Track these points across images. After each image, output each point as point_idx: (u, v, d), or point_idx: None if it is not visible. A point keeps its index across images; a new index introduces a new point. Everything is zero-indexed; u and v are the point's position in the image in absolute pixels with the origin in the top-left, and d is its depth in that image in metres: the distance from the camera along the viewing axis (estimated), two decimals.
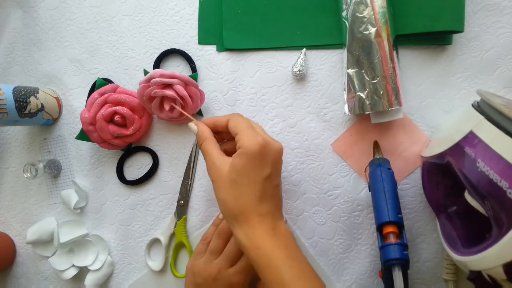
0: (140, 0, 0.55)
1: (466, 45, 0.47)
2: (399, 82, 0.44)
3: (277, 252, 0.36)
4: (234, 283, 0.43)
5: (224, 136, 0.44)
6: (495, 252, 0.30)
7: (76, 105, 0.56)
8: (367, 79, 0.44)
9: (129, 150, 0.54)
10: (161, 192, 0.53)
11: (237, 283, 0.43)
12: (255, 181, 0.38)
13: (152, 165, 0.53)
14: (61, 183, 0.56)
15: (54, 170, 0.55)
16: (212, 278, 0.43)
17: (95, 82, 0.54)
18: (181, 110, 0.47)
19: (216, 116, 0.44)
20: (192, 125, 0.44)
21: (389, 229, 0.40)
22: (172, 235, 0.52)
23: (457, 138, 0.36)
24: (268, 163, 0.38)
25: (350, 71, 0.45)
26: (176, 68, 0.54)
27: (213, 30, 0.53)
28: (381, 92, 0.44)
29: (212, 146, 0.41)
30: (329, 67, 0.50)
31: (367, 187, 0.48)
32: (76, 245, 0.53)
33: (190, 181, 0.52)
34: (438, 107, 0.47)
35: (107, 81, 0.54)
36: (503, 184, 0.29)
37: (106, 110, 0.49)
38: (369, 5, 0.44)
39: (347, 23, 0.46)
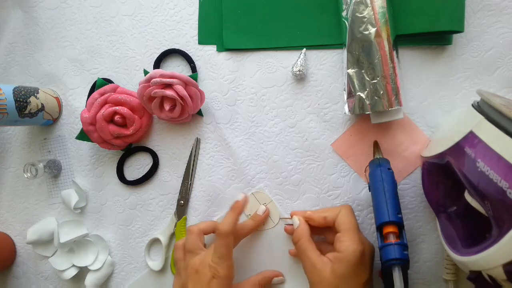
0: (140, 0, 0.55)
1: (466, 45, 0.47)
2: (399, 82, 0.44)
3: None
4: (219, 272, 0.40)
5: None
6: (495, 252, 0.30)
7: (76, 105, 0.56)
8: (367, 79, 0.44)
9: (129, 150, 0.54)
10: (161, 192, 0.53)
11: (223, 272, 0.41)
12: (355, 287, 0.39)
13: (152, 165, 0.53)
14: (61, 183, 0.56)
15: (54, 170, 0.55)
16: (194, 270, 0.41)
17: (95, 82, 0.54)
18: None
19: (327, 208, 0.46)
20: (296, 220, 0.46)
21: (389, 229, 0.40)
22: (172, 235, 0.52)
23: (457, 138, 0.36)
24: (366, 268, 0.40)
25: (350, 71, 0.45)
26: (176, 68, 0.54)
27: (213, 30, 0.53)
28: (381, 92, 0.44)
29: (310, 246, 0.42)
30: (329, 67, 0.50)
31: (367, 187, 0.48)
32: (76, 245, 0.53)
33: (190, 181, 0.52)
34: (438, 107, 0.47)
35: (107, 81, 0.54)
36: (503, 184, 0.29)
37: (106, 110, 0.49)
38: (369, 5, 0.44)
39: (347, 23, 0.46)
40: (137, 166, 0.54)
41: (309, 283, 0.42)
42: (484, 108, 0.35)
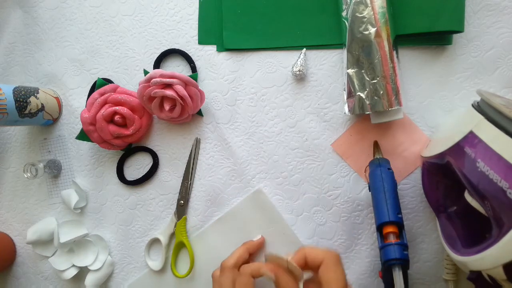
0: (140, 0, 0.55)
1: (466, 45, 0.47)
2: (399, 82, 0.44)
3: None
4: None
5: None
6: (495, 252, 0.30)
7: (76, 105, 0.56)
8: (367, 79, 0.44)
9: (129, 150, 0.54)
10: (161, 192, 0.53)
11: None
12: None
13: (152, 165, 0.53)
14: (61, 183, 0.56)
15: (54, 170, 0.55)
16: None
17: (95, 82, 0.54)
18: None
19: (311, 250, 0.39)
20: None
21: (389, 229, 0.40)
22: (172, 235, 0.52)
23: (457, 138, 0.36)
24: None
25: (350, 71, 0.45)
26: (176, 68, 0.54)
27: (213, 30, 0.53)
28: (381, 92, 0.44)
29: None
30: (329, 67, 0.50)
31: (367, 187, 0.48)
32: (76, 245, 0.53)
33: (190, 181, 0.52)
34: (438, 107, 0.47)
35: (107, 81, 0.54)
36: (503, 184, 0.29)
37: (106, 110, 0.49)
38: (369, 5, 0.44)
39: (347, 23, 0.46)
40: (137, 166, 0.54)
41: None
42: (484, 108, 0.35)
